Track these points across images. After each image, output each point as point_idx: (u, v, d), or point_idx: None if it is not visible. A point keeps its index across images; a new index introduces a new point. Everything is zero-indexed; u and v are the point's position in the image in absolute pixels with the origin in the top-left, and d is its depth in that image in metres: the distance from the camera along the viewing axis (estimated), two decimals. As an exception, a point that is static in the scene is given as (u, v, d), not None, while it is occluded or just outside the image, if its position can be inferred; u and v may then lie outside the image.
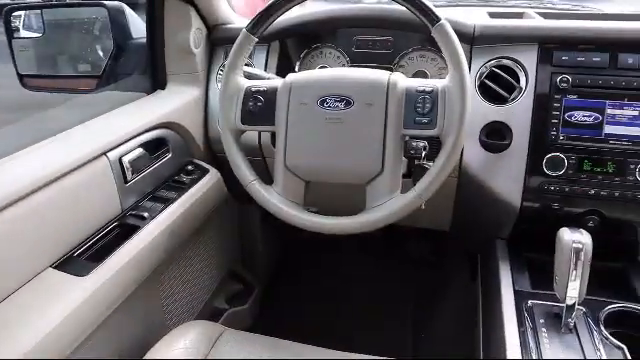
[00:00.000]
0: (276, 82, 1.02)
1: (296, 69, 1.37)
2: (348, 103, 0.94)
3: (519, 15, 1.32)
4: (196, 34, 1.32)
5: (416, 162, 1.01)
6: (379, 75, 0.95)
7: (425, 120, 0.91)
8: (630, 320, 1.00)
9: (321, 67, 1.35)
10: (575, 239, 0.91)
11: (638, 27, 1.10)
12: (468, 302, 1.44)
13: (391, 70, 1.26)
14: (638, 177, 1.06)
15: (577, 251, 0.90)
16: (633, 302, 1.04)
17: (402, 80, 0.95)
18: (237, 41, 1.02)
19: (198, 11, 1.31)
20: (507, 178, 1.12)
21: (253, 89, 1.02)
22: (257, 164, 1.31)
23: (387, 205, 0.93)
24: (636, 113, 1.06)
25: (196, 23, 1.32)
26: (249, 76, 1.09)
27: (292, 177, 0.99)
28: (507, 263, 1.17)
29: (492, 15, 1.34)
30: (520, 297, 1.05)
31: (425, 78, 1.21)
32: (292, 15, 1.28)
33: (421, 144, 0.99)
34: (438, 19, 0.90)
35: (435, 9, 0.91)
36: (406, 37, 1.28)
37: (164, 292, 1.24)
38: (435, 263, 1.89)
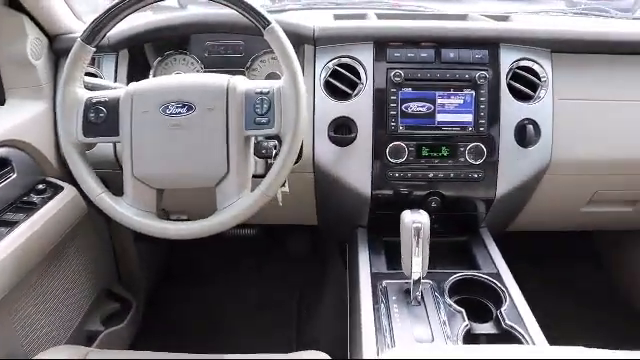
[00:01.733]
0: (118, 92, 1.00)
1: (150, 77, 1.35)
2: (190, 108, 0.95)
3: (362, 16, 1.41)
4: (34, 44, 1.25)
5: (269, 161, 1.05)
6: (219, 80, 0.97)
7: (264, 120, 0.94)
8: (469, 286, 1.12)
9: (177, 74, 1.34)
10: (415, 219, 1.00)
11: (456, 26, 1.23)
12: (342, 291, 1.51)
13: (244, 74, 1.29)
14: (468, 158, 1.19)
15: (417, 230, 0.99)
16: (473, 270, 1.16)
17: (241, 83, 0.97)
18: (72, 52, 0.99)
19: (34, 20, 1.24)
20: (356, 169, 1.20)
21: (94, 100, 0.99)
22: (116, 176, 1.27)
23: (235, 205, 0.95)
24: (461, 101, 1.18)
25: (33, 33, 1.24)
26: (92, 87, 1.05)
27: (141, 186, 0.98)
28: (366, 249, 1.25)
29: (337, 17, 1.41)
30: (376, 278, 1.13)
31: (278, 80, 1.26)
32: (138, 23, 1.27)
33: (271, 144, 1.03)
34: (268, 22, 0.94)
35: (265, 13, 0.94)
36: (257, 41, 1.31)
37: (19, 322, 1.15)
38: (314, 257, 1.96)
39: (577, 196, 1.38)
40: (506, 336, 0.99)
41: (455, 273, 1.14)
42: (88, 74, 1.09)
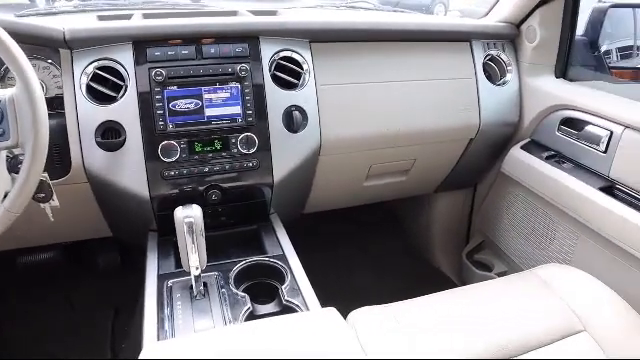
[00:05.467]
0: None
1: None
2: None
3: (127, 17, 1.37)
4: None
5: None
6: None
7: None
8: (255, 270, 1.17)
9: None
10: (187, 215, 1.01)
11: (214, 22, 1.26)
12: None
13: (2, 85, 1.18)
14: (240, 149, 1.23)
15: (189, 225, 1.00)
16: (260, 255, 1.21)
17: None
18: None
19: None
20: (131, 172, 1.17)
21: None
22: None
23: None
24: (228, 95, 1.22)
25: None
26: None
27: None
28: (155, 252, 1.23)
29: (100, 18, 1.36)
30: (162, 279, 1.12)
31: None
32: None
33: None
34: None
35: None
36: None
37: None
38: (125, 270, 1.88)
39: (356, 172, 1.52)
40: (285, 311, 1.05)
41: (241, 261, 1.17)
42: None
